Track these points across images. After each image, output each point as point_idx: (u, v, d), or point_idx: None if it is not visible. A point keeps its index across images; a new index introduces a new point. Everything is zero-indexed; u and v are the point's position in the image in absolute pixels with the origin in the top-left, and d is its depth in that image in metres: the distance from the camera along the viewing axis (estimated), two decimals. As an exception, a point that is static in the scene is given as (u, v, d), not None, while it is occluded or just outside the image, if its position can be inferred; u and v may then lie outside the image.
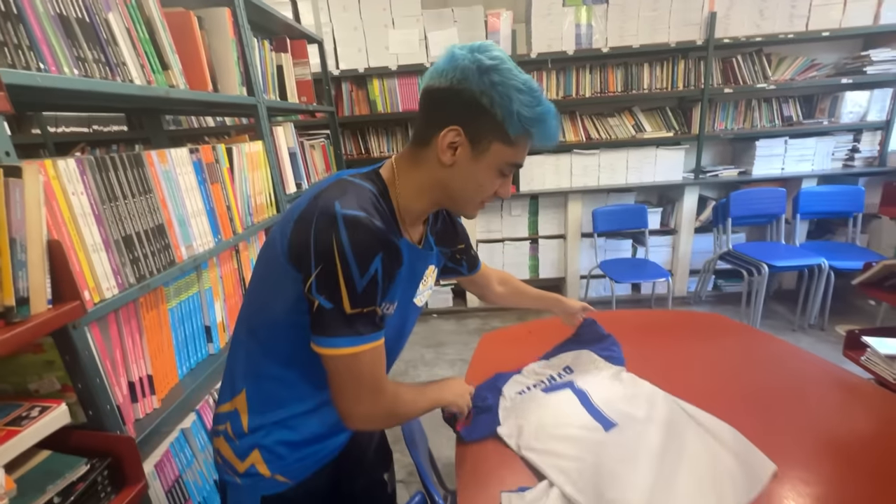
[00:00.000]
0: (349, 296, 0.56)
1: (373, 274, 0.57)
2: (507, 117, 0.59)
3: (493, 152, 0.62)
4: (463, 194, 0.66)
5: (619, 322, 1.50)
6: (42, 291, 0.61)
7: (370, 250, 0.57)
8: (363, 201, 0.59)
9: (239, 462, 0.69)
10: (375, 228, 0.57)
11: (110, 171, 0.81)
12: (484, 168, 0.63)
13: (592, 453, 0.85)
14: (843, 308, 2.79)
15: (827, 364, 1.18)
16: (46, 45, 0.72)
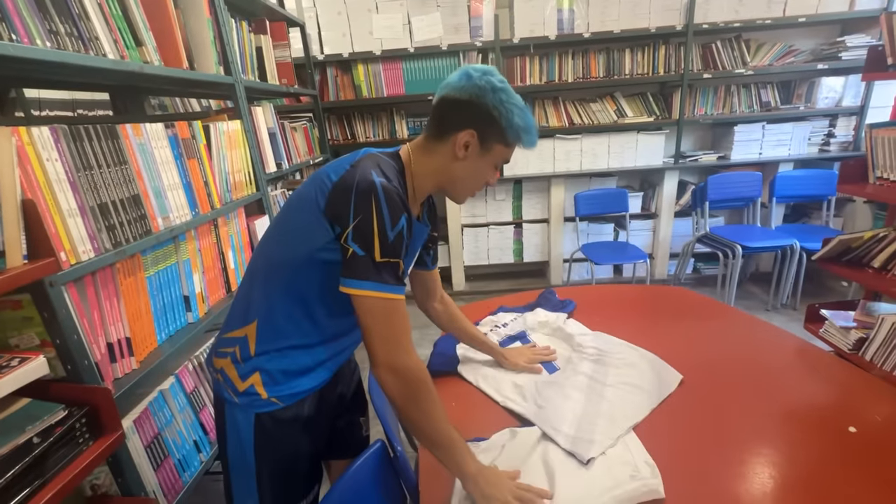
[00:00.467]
0: (381, 244, 0.68)
1: (401, 228, 0.69)
2: (509, 127, 0.77)
3: (495, 152, 0.80)
4: (465, 182, 0.84)
5: (588, 294, 1.57)
6: (17, 246, 0.65)
7: (399, 210, 0.69)
8: (391, 175, 0.74)
9: (241, 382, 0.78)
10: (400, 197, 0.71)
11: (84, 141, 0.85)
12: (486, 163, 0.81)
13: (536, 383, 1.06)
14: (815, 289, 2.88)
15: (787, 335, 1.24)
16: (18, 16, 0.75)
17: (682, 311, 1.45)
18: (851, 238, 1.52)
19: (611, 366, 1.09)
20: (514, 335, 1.27)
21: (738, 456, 0.82)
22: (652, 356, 1.11)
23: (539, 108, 2.98)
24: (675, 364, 1.08)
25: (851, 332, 1.52)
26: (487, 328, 1.32)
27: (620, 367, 1.07)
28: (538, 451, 0.84)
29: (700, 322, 1.37)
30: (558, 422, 0.91)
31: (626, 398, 0.97)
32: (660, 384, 1.01)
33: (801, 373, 1.08)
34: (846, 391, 1.01)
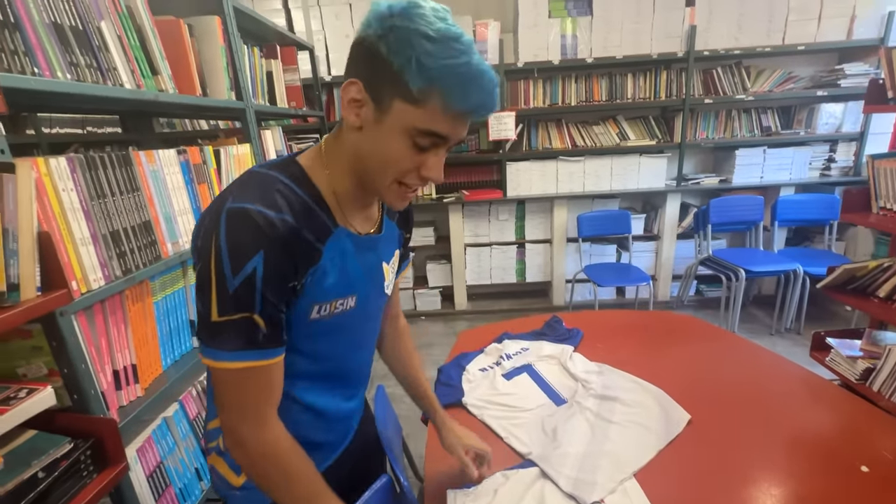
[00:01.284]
0: (218, 299, 0.51)
1: (249, 274, 0.50)
2: (405, 66, 0.49)
3: (395, 112, 0.52)
4: (372, 164, 0.57)
5: (594, 321, 1.56)
6: (31, 279, 0.66)
7: (249, 246, 0.50)
8: (264, 192, 0.53)
9: (234, 476, 0.68)
10: (264, 222, 0.51)
11: (99, 170, 0.86)
12: (388, 131, 0.54)
13: (542, 420, 1.04)
14: (819, 313, 2.87)
15: (792, 365, 1.23)
16: (41, 51, 0.77)
17: (688, 339, 1.44)
18: (856, 267, 1.52)
19: (617, 402, 1.08)
20: (519, 367, 1.26)
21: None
22: (659, 392, 1.10)
23: (542, 130, 3.02)
24: (681, 399, 1.07)
25: (858, 361, 1.51)
26: (493, 358, 1.32)
27: (627, 405, 1.06)
28: (533, 494, 0.82)
29: (706, 352, 1.36)
30: (560, 463, 0.89)
31: (632, 439, 0.96)
32: (667, 424, 1.00)
33: (809, 407, 1.07)
34: (855, 427, 1.00)
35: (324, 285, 0.59)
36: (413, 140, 0.54)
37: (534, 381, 1.21)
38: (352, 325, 0.68)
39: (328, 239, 0.59)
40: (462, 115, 0.53)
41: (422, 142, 0.54)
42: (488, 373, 1.26)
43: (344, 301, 0.63)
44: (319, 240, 0.58)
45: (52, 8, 0.80)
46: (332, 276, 0.60)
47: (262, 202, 0.52)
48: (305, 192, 0.57)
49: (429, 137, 0.54)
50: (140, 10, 1.00)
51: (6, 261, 0.62)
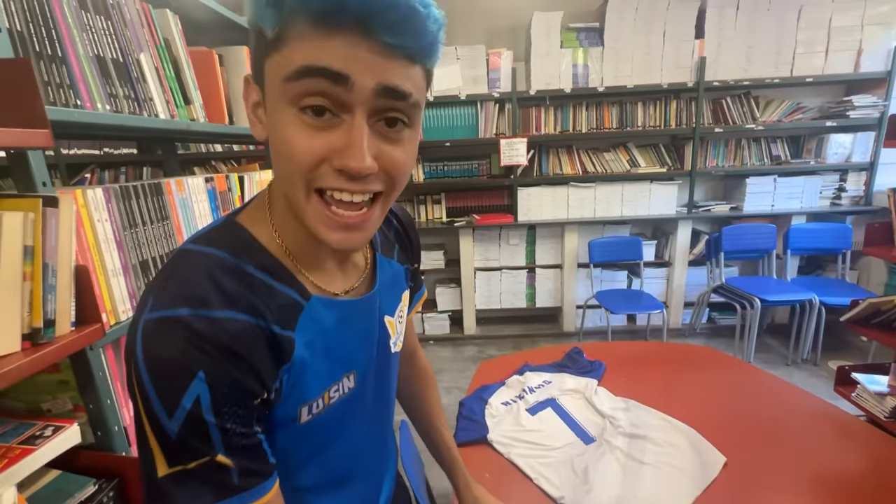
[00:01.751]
0: (162, 449, 0.36)
1: (190, 408, 0.35)
2: (255, 5, 0.36)
3: (267, 79, 0.38)
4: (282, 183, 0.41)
5: (614, 353, 1.53)
6: (67, 314, 0.64)
7: (180, 372, 0.35)
8: (194, 283, 0.38)
9: None
10: (198, 330, 0.36)
11: (132, 200, 0.86)
12: (271, 112, 0.39)
13: (571, 459, 1.01)
14: (835, 343, 2.82)
15: (817, 400, 1.21)
16: (84, 83, 0.78)
17: (711, 372, 1.41)
18: (881, 301, 1.50)
19: (647, 441, 1.04)
20: (543, 401, 1.23)
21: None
22: (690, 431, 1.07)
23: (553, 156, 3.04)
24: (712, 437, 1.04)
25: (887, 398, 1.48)
26: (515, 391, 1.28)
27: (659, 444, 1.03)
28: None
29: (730, 386, 1.33)
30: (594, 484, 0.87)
31: (667, 482, 0.93)
32: (702, 467, 0.96)
33: (845, 449, 1.03)
34: (888, 465, 0.97)
35: (308, 380, 0.45)
36: (297, 105, 0.36)
37: (559, 417, 1.18)
38: (358, 408, 0.53)
39: (299, 319, 0.44)
40: (336, 26, 0.34)
41: (308, 101, 0.36)
42: (511, 407, 1.23)
43: (339, 385, 0.49)
44: (287, 325, 0.42)
45: (96, 42, 0.81)
46: (317, 364, 0.45)
47: (191, 301, 0.37)
48: (255, 265, 0.42)
49: (305, 81, 0.35)
50: (177, 41, 1.02)
51: (44, 297, 0.60)
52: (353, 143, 0.36)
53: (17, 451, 0.63)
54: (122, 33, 0.87)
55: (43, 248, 0.60)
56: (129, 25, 0.89)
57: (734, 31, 2.70)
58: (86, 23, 0.79)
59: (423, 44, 0.36)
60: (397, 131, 0.39)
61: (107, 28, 0.84)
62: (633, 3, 2.67)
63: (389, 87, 0.36)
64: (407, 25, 0.34)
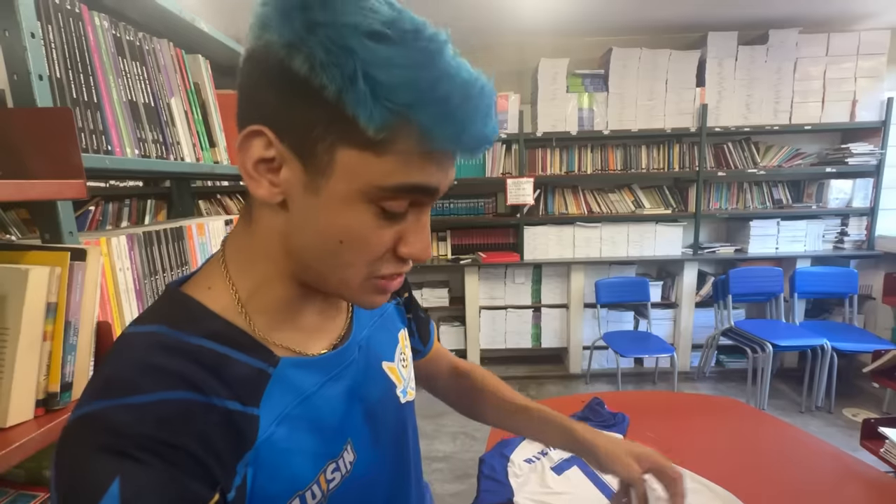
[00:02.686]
0: None
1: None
2: (347, 89, 0.30)
3: (341, 166, 0.33)
4: (318, 256, 0.36)
5: (635, 404, 1.48)
6: (85, 375, 0.60)
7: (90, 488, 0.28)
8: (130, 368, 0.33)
9: None
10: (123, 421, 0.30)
11: (154, 246, 0.83)
12: (335, 201, 0.34)
13: None
14: (847, 390, 2.77)
15: (847, 457, 1.16)
16: (115, 129, 0.76)
17: (738, 428, 1.36)
18: (906, 353, 1.47)
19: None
20: (568, 458, 1.17)
21: None
22: (729, 496, 1.01)
23: (559, 196, 3.07)
24: (748, 501, 0.98)
25: (919, 455, 1.42)
26: (538, 447, 1.22)
27: None
28: None
29: (758, 442, 1.27)
30: None
31: None
32: None
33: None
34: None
35: (290, 464, 0.37)
36: (379, 206, 0.34)
37: (587, 477, 1.11)
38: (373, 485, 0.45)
39: (265, 390, 0.37)
40: (450, 153, 0.35)
41: (393, 206, 0.34)
42: (535, 465, 1.16)
43: (337, 462, 0.40)
44: (248, 401, 0.35)
45: (130, 87, 0.80)
46: (300, 441, 0.38)
47: (114, 390, 0.31)
48: (202, 335, 0.35)
49: (405, 196, 0.34)
50: (206, 85, 1.02)
51: (64, 358, 0.56)
52: (422, 237, 0.37)
53: (16, 531, 0.56)
54: (156, 78, 0.86)
55: (67, 306, 0.56)
56: (163, 70, 0.88)
57: (734, 80, 2.80)
58: (121, 69, 0.78)
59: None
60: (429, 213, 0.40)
61: (141, 73, 0.83)
62: (636, 52, 2.77)
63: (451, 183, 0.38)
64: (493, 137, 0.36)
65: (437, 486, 2.03)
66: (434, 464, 2.21)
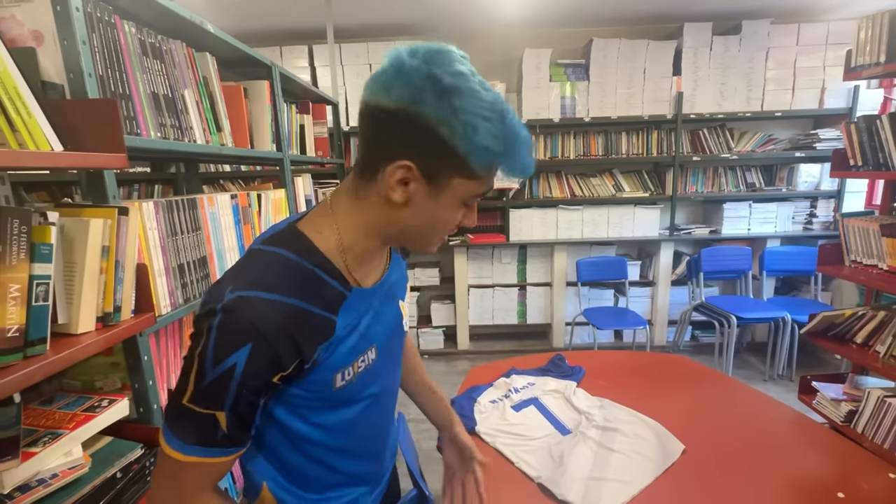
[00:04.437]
0: (195, 386, 0.49)
1: (228, 368, 0.48)
2: (471, 151, 0.51)
3: (453, 187, 0.54)
4: (422, 233, 0.59)
5: (594, 360, 1.67)
6: (129, 303, 0.78)
7: (236, 340, 0.48)
8: (266, 274, 0.52)
9: None
10: (261, 312, 0.49)
11: (174, 212, 1.01)
12: (444, 204, 0.55)
13: (549, 447, 1.15)
14: (810, 361, 2.97)
15: (783, 407, 1.33)
16: (142, 115, 0.94)
17: (684, 379, 1.55)
18: (834, 315, 1.66)
19: (618, 433, 1.18)
20: (527, 400, 1.36)
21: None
22: (656, 424, 1.20)
23: (543, 181, 3.24)
24: (677, 432, 1.17)
25: (842, 404, 1.62)
26: (502, 391, 1.42)
27: (627, 436, 1.16)
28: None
29: (701, 391, 1.46)
30: (567, 487, 0.99)
31: (632, 466, 1.06)
32: (664, 453, 1.09)
33: (797, 445, 1.17)
34: (838, 462, 1.10)
35: (342, 352, 0.58)
36: (463, 200, 0.57)
37: (541, 413, 1.31)
38: (377, 378, 0.65)
39: (341, 306, 0.57)
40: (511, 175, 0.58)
41: (470, 202, 0.58)
42: (498, 404, 1.36)
43: (364, 356, 0.61)
44: (332, 311, 0.56)
45: (152, 81, 0.98)
46: (350, 340, 0.58)
47: (264, 287, 0.50)
48: (313, 264, 0.55)
49: (476, 198, 0.58)
50: (213, 78, 1.19)
51: (115, 287, 0.75)
52: (473, 216, 0.61)
53: (81, 417, 0.76)
54: (172, 73, 1.04)
55: (116, 248, 0.74)
56: (178, 67, 1.06)
57: (708, 69, 2.95)
58: (145, 66, 0.96)
59: None
60: None
61: (160, 70, 1.00)
62: (615, 43, 2.92)
63: None
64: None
65: (424, 443, 2.23)
66: (422, 424, 2.41)
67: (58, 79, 0.76)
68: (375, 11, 2.74)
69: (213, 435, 0.50)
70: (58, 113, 0.67)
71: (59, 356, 0.63)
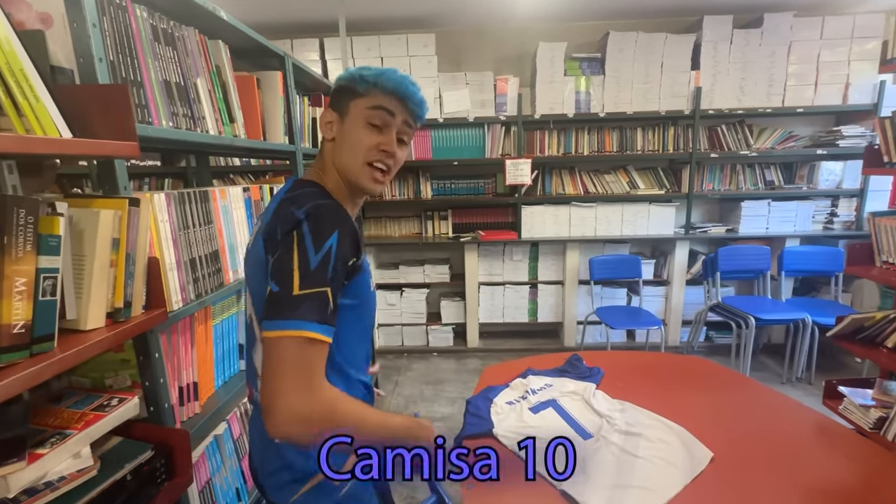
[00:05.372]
0: (300, 273, 0.59)
1: (327, 250, 0.61)
2: (357, 82, 0.72)
3: (352, 108, 0.72)
4: (345, 156, 0.73)
5: (612, 361, 1.62)
6: (140, 298, 0.75)
7: (327, 227, 0.62)
8: (318, 196, 0.69)
9: None
10: (335, 209, 0.66)
11: (186, 204, 0.98)
12: (350, 125, 0.73)
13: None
14: (829, 364, 2.89)
15: (808, 410, 1.28)
16: (154, 103, 0.91)
17: (705, 382, 1.50)
18: (864, 318, 1.59)
19: (641, 438, 1.13)
20: (545, 402, 1.32)
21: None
22: (681, 430, 1.15)
23: (556, 177, 3.18)
24: (703, 438, 1.12)
25: (871, 410, 1.55)
26: (519, 392, 1.37)
27: (651, 441, 1.12)
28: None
29: (724, 395, 1.41)
30: (590, 494, 0.94)
31: (658, 473, 1.01)
32: (691, 461, 1.05)
33: (826, 451, 1.11)
34: (870, 470, 1.05)
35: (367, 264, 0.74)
36: (367, 122, 0.72)
37: (559, 416, 1.27)
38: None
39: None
40: (393, 94, 0.72)
41: (373, 119, 0.72)
42: (515, 406, 1.31)
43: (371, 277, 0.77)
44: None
45: (164, 68, 0.94)
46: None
47: (324, 198, 0.68)
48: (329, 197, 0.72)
49: (376, 111, 0.72)
50: (226, 67, 1.16)
51: (125, 282, 0.71)
52: (391, 141, 0.74)
53: (90, 416, 0.73)
54: (184, 61, 1.00)
55: (126, 241, 0.71)
56: (190, 54, 1.02)
57: (728, 63, 2.87)
58: (157, 52, 0.92)
59: (421, 116, 0.78)
60: (402, 145, 0.77)
61: (173, 57, 0.97)
62: (632, 36, 2.85)
63: (407, 122, 0.76)
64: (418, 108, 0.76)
65: (435, 442, 2.20)
66: (434, 422, 2.38)
67: (67, 63, 0.72)
68: (388, 4, 2.70)
69: (326, 311, 0.60)
70: (67, 98, 0.64)
71: (67, 354, 0.60)
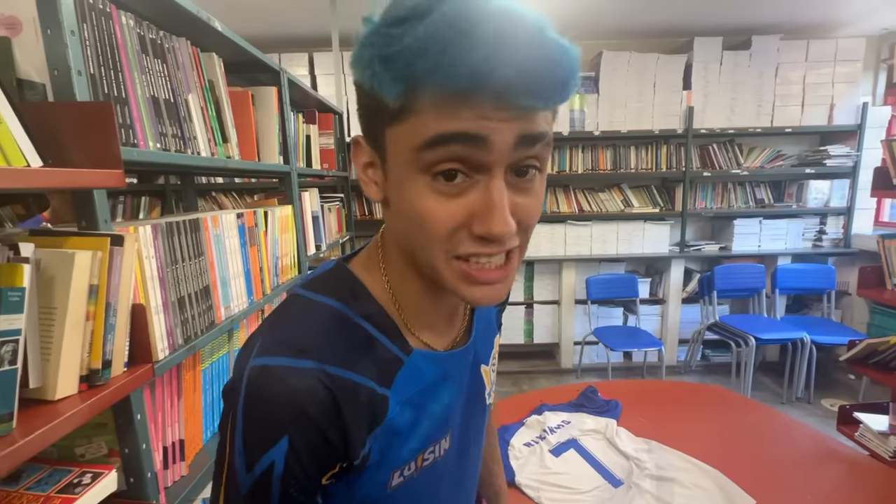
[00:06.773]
0: (226, 495, 0.37)
1: (265, 470, 0.35)
2: (372, 76, 0.33)
3: (390, 143, 0.35)
4: (413, 239, 0.37)
5: (627, 392, 1.54)
6: (122, 354, 0.63)
7: (269, 431, 0.35)
8: (303, 333, 0.38)
9: None
10: (295, 388, 0.35)
11: (175, 236, 0.86)
12: (398, 181, 0.36)
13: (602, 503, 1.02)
14: (826, 382, 2.89)
15: (831, 440, 1.24)
16: (139, 122, 0.79)
17: (728, 414, 1.43)
18: (879, 342, 1.57)
19: (675, 483, 1.05)
20: (565, 442, 1.23)
21: None
22: (717, 474, 1.07)
23: (551, 195, 3.14)
24: (739, 481, 1.04)
25: (890, 438, 1.51)
26: (536, 432, 1.28)
27: (687, 487, 1.03)
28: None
29: (746, 425, 1.35)
30: None
31: None
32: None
33: (864, 488, 1.05)
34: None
35: (401, 442, 0.41)
36: (429, 172, 0.34)
37: (583, 459, 1.17)
38: (449, 469, 0.48)
39: (397, 375, 0.41)
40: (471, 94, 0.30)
41: (437, 165, 0.33)
42: (534, 448, 1.22)
43: (436, 447, 0.44)
44: (383, 382, 0.40)
45: (152, 83, 0.83)
46: (413, 424, 0.42)
47: (296, 351, 0.36)
48: (364, 317, 0.41)
49: (440, 149, 0.32)
50: (220, 82, 1.05)
51: (105, 336, 0.59)
52: (495, 206, 0.33)
53: (56, 501, 0.60)
54: (175, 75, 0.90)
55: (107, 288, 0.59)
56: (181, 68, 0.92)
57: (718, 83, 2.90)
58: (145, 65, 0.81)
59: (561, 97, 0.33)
60: (529, 179, 0.35)
61: (162, 70, 0.86)
62: (625, 56, 2.86)
63: (526, 135, 0.33)
64: (545, 86, 0.31)
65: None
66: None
67: (38, 77, 0.61)
68: (380, 19, 2.63)
69: None
70: (37, 118, 0.53)
71: (29, 439, 0.48)
